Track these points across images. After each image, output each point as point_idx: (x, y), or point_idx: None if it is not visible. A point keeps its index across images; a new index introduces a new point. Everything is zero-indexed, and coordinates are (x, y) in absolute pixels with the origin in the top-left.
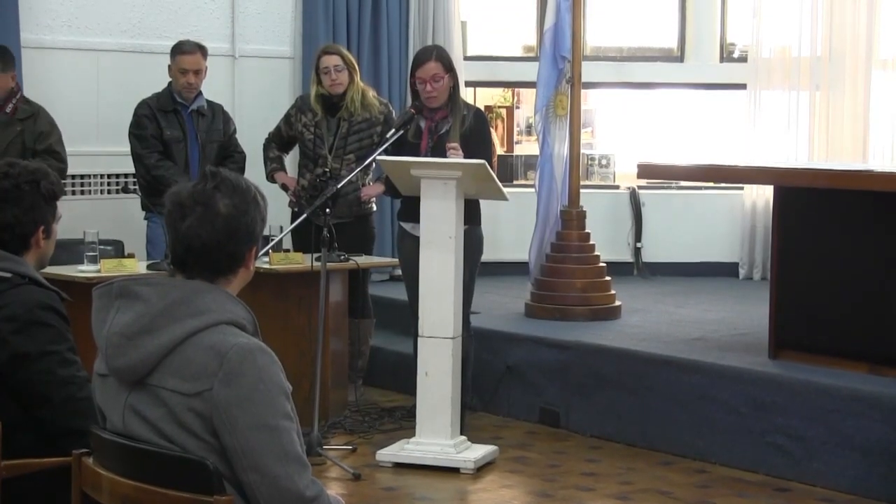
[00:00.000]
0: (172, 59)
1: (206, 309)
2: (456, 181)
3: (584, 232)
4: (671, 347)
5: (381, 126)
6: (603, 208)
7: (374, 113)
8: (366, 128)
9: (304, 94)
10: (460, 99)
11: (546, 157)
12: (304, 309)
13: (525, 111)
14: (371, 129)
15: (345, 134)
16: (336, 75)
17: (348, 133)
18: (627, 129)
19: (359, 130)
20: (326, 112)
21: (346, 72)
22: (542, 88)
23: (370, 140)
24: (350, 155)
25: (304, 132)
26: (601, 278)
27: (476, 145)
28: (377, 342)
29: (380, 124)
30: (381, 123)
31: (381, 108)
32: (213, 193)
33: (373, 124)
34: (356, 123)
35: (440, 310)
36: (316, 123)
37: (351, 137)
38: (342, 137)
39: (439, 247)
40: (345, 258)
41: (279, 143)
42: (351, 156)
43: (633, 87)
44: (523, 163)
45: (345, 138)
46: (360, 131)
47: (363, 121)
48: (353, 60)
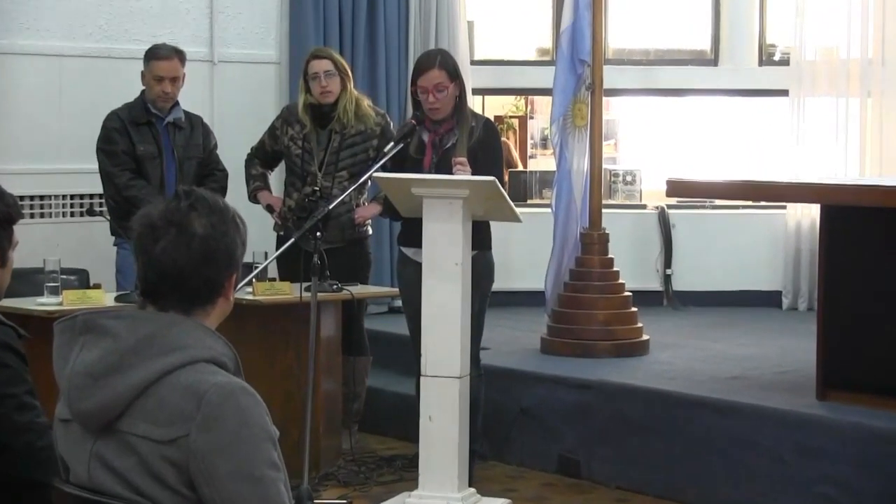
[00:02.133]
0: (146, 65)
1: (182, 345)
2: (463, 201)
3: (606, 257)
4: (706, 387)
5: (377, 139)
6: (628, 230)
7: (370, 125)
8: (360, 141)
9: (291, 104)
10: (467, 109)
11: (563, 174)
12: (292, 345)
13: (540, 122)
14: (366, 142)
15: (336, 148)
16: (326, 82)
17: (340, 147)
18: (655, 142)
19: (352, 144)
20: (316, 124)
21: (337, 78)
22: (559, 96)
23: (365, 155)
24: (342, 172)
25: (290, 146)
26: (626, 309)
27: (485, 160)
28: (375, 382)
29: (376, 137)
30: (378, 136)
31: (378, 120)
32: (188, 213)
33: (368, 137)
34: (349, 136)
35: (445, 345)
36: (304, 136)
37: (343, 152)
38: (333, 152)
39: (444, 274)
40: (337, 288)
41: (263, 158)
42: (343, 173)
43: (660, 94)
44: (538, 179)
45: (336, 153)
46: (353, 145)
47: (357, 133)
48: (347, 66)
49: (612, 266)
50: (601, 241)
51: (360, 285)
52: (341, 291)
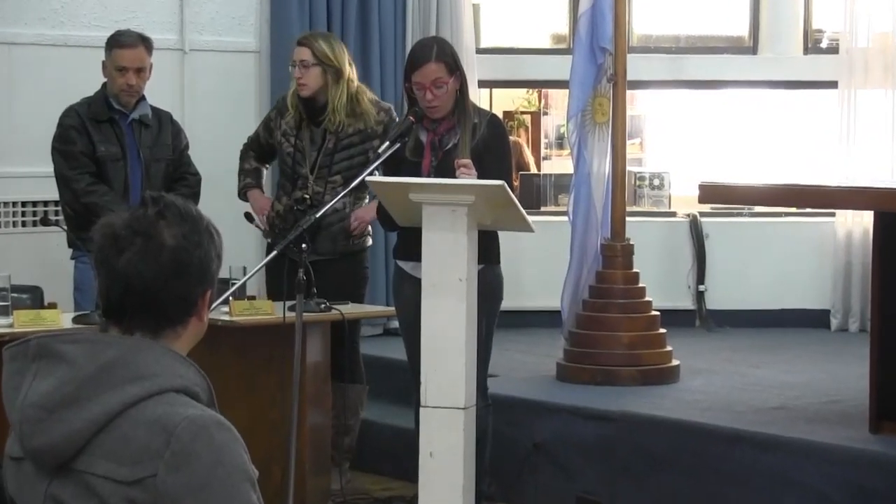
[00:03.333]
0: (107, 54)
1: (149, 372)
2: (467, 208)
3: (631, 272)
4: (744, 419)
5: (378, 140)
6: (655, 241)
7: (371, 123)
8: (358, 142)
9: (288, 93)
10: (470, 104)
11: (582, 177)
12: (275, 373)
13: (555, 118)
14: (365, 143)
15: (331, 150)
16: (301, 72)
17: (335, 149)
18: (686, 141)
19: (349, 146)
20: (309, 121)
21: (317, 70)
22: (577, 89)
23: (363, 158)
24: (336, 177)
25: (283, 142)
26: (654, 331)
27: (492, 162)
28: (368, 414)
29: (377, 137)
30: (379, 137)
31: (381, 117)
32: (155, 221)
33: (367, 138)
34: (346, 137)
35: (448, 372)
36: (297, 133)
37: (338, 154)
38: (327, 154)
39: (447, 292)
40: (325, 307)
41: (258, 151)
42: (337, 177)
43: (692, 86)
44: (553, 184)
45: (330, 155)
46: (350, 146)
47: (355, 133)
48: (335, 55)
49: (637, 282)
50: (625, 253)
51: (351, 304)
52: (330, 311)
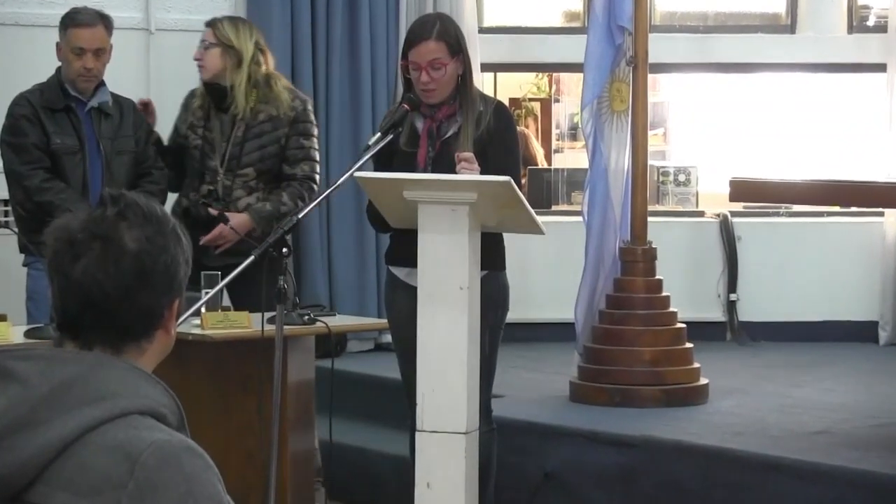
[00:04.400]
0: (62, 34)
1: (110, 392)
2: (469, 207)
3: (653, 279)
4: (781, 445)
5: (289, 128)
6: (681, 244)
7: (284, 109)
8: (269, 130)
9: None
10: (474, 90)
11: (598, 172)
12: (253, 393)
13: (568, 106)
14: (277, 130)
15: (240, 139)
16: (201, 53)
17: (245, 137)
18: (715, 131)
19: (260, 134)
20: (217, 108)
21: (216, 51)
22: (592, 73)
23: (276, 147)
24: (247, 169)
25: (189, 135)
26: (679, 346)
27: (497, 155)
28: (359, 440)
29: (289, 125)
30: (290, 124)
31: (295, 104)
32: (116, 224)
33: (280, 125)
34: (257, 124)
35: (448, 392)
36: (205, 124)
37: (249, 143)
38: (237, 144)
39: (446, 302)
40: (309, 319)
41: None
42: (248, 170)
43: (722, 69)
44: (566, 180)
45: (240, 145)
46: (261, 135)
47: (267, 120)
48: (237, 38)
49: (660, 290)
50: (647, 257)
51: (339, 316)
52: (314, 323)
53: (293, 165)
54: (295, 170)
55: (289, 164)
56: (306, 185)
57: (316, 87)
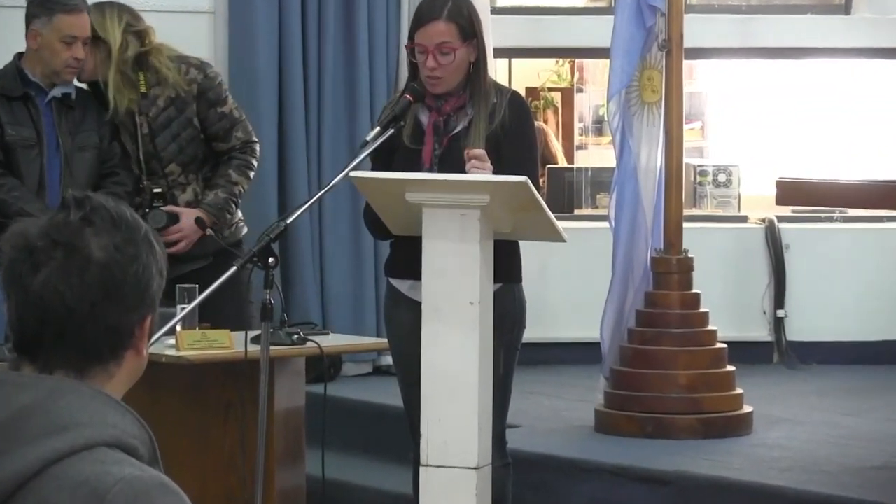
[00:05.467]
0: (44, 20)
1: (74, 422)
2: (481, 211)
3: (690, 293)
4: (836, 482)
5: (195, 105)
6: (721, 254)
7: (181, 85)
8: (175, 115)
9: None
10: (488, 79)
11: (627, 171)
12: (235, 423)
13: (592, 96)
14: (184, 113)
15: (148, 136)
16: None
17: (152, 133)
18: (760, 125)
19: (166, 123)
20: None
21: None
22: (620, 59)
23: (192, 131)
24: (171, 166)
25: None
26: (719, 369)
27: (513, 152)
28: (356, 475)
29: (194, 101)
30: (196, 100)
31: (192, 76)
32: (80, 229)
33: (185, 105)
34: (159, 113)
35: (456, 422)
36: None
37: (160, 139)
38: (147, 142)
39: (454, 319)
40: (299, 338)
41: None
42: (171, 168)
43: (767, 55)
44: (590, 180)
45: (151, 142)
46: (168, 124)
47: (168, 105)
48: (106, 28)
49: (697, 305)
50: (682, 268)
51: (332, 335)
52: (304, 343)
53: (225, 139)
54: (229, 142)
55: (219, 140)
56: (249, 150)
57: (306, 74)
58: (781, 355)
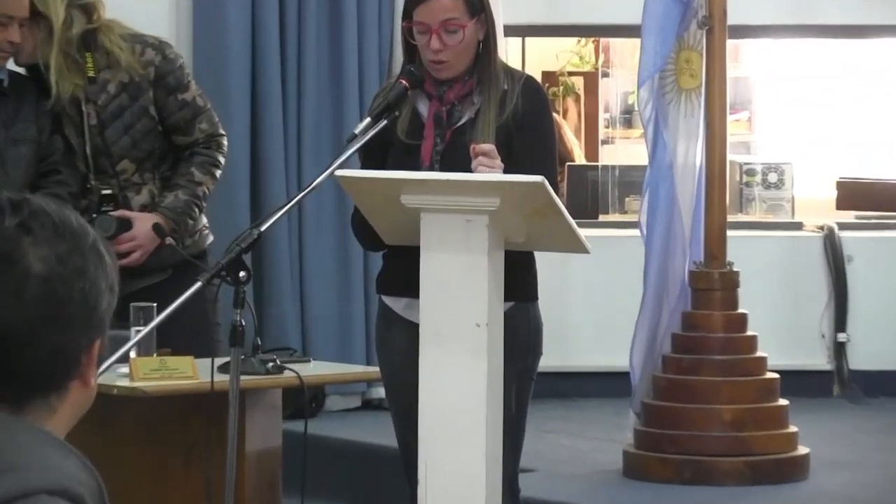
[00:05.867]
0: None
1: (9, 465)
2: (489, 217)
3: (735, 313)
4: None
5: (151, 91)
6: (772, 267)
7: (136, 69)
8: (128, 103)
9: None
10: (497, 61)
11: (661, 170)
12: (198, 465)
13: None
14: (139, 100)
15: (97, 128)
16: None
17: (101, 124)
18: (817, 115)
19: (118, 112)
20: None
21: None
22: (653, 38)
23: (147, 120)
24: (122, 164)
25: None
26: (770, 402)
27: (528, 147)
28: None
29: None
30: (153, 85)
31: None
32: (17, 239)
33: (140, 91)
34: (109, 102)
35: (459, 465)
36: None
37: (110, 131)
38: (95, 135)
39: (458, 344)
40: (275, 366)
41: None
42: (124, 164)
43: (826, 33)
44: (617, 180)
45: (99, 135)
46: (120, 113)
47: (120, 91)
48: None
49: (744, 328)
50: (726, 284)
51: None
52: (282, 372)
53: (187, 131)
54: (191, 135)
55: (179, 132)
56: (214, 144)
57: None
58: (843, 387)
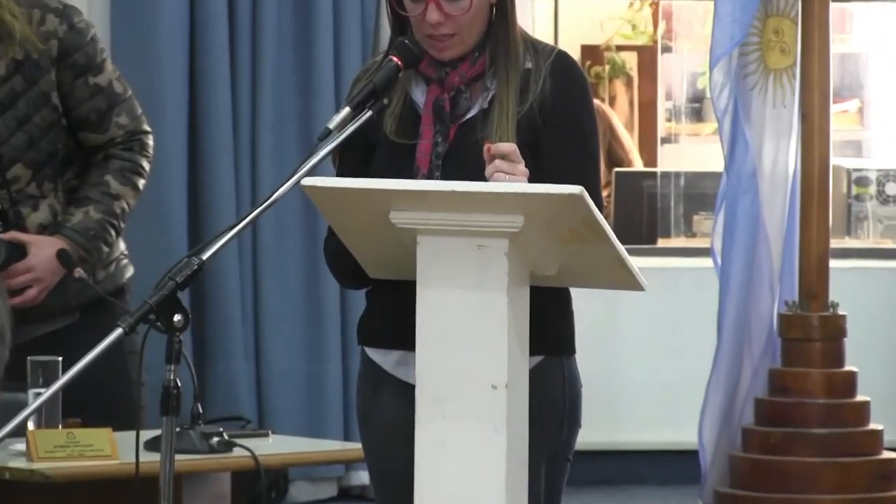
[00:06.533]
0: None
1: None
2: (509, 242)
3: (841, 371)
4: None
5: (54, 72)
6: (889, 309)
7: (34, 43)
8: (23, 87)
9: None
10: (518, 33)
11: (742, 179)
12: None
13: (686, 59)
14: (37, 84)
15: None
16: None
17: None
18: None
19: (10, 100)
20: None
21: None
22: (731, 2)
23: (50, 112)
24: (15, 168)
25: None
26: (887, 492)
27: (561, 148)
28: None
29: (52, 66)
30: (56, 64)
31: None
32: None
33: (39, 72)
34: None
35: None
36: None
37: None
38: None
39: (467, 414)
40: (221, 441)
41: None
42: (17, 169)
43: None
44: (682, 192)
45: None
46: (12, 101)
47: (12, 73)
48: None
49: (852, 391)
50: (829, 333)
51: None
52: (231, 449)
53: (100, 126)
54: (106, 132)
55: (90, 128)
56: (137, 145)
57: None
58: None
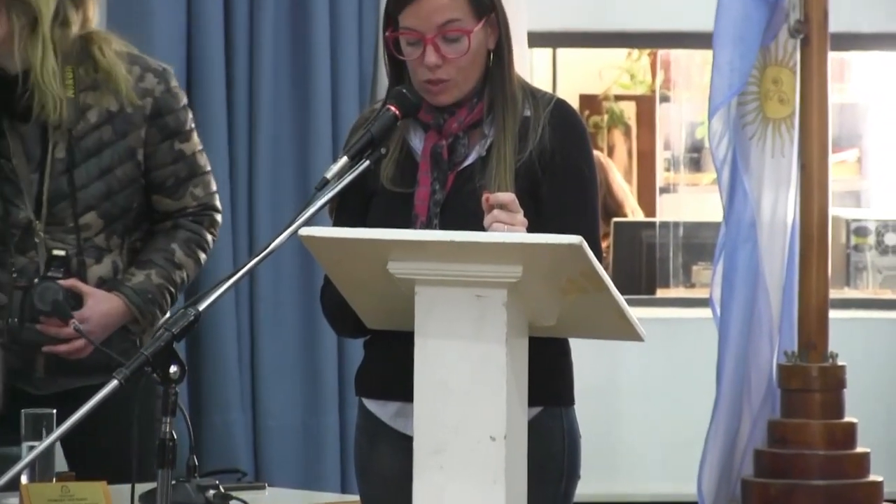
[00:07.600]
0: None
1: None
2: (508, 292)
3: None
4: None
5: (144, 128)
6: (889, 360)
7: (129, 96)
8: (112, 138)
9: None
10: (516, 80)
11: (741, 229)
12: None
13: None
14: (126, 138)
15: (64, 163)
16: None
17: (72, 160)
18: None
19: (97, 149)
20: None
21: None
22: (730, 50)
23: (132, 168)
24: (89, 214)
25: None
26: None
27: (560, 196)
28: None
29: (144, 123)
30: (147, 121)
31: (148, 84)
32: None
33: (129, 126)
34: (89, 130)
35: None
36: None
37: (80, 170)
38: (61, 172)
39: (466, 465)
40: (218, 496)
41: None
42: (89, 217)
43: None
44: (681, 242)
45: (66, 173)
46: (99, 150)
47: (105, 122)
48: None
49: (852, 443)
50: (829, 384)
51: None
52: (227, 503)
53: (175, 192)
54: (181, 200)
55: (165, 192)
56: (207, 221)
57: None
58: None
